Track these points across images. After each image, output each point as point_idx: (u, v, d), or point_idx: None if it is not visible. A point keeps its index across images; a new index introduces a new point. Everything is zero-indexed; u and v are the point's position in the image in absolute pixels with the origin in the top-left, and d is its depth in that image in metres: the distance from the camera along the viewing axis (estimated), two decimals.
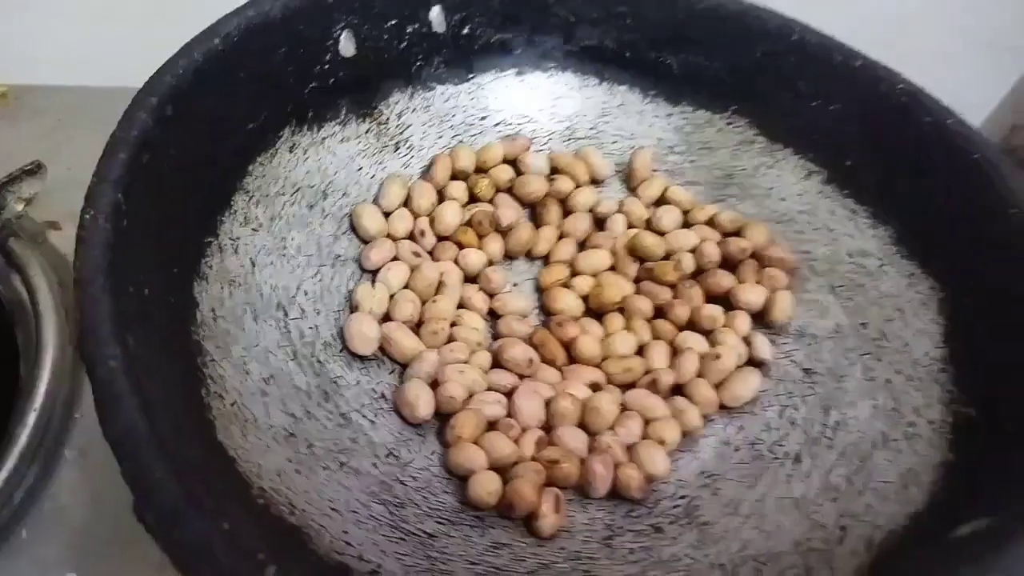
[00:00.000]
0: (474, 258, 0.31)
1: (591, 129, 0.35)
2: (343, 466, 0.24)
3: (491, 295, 0.30)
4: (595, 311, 0.30)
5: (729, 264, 0.31)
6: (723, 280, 0.31)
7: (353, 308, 0.29)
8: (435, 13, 0.32)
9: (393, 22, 0.31)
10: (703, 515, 0.26)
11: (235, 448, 0.21)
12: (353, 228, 0.30)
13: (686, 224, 0.32)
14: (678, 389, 0.28)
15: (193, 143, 0.25)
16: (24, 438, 0.28)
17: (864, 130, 0.31)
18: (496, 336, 0.29)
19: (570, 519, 0.25)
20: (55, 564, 0.26)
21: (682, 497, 0.26)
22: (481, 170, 0.33)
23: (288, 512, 0.21)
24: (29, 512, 0.27)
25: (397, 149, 0.32)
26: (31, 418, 0.28)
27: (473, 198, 0.33)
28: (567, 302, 0.30)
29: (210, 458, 0.20)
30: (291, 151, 0.29)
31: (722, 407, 0.28)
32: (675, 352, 0.29)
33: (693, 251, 0.31)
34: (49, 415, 0.28)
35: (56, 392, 0.29)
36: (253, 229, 0.27)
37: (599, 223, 0.33)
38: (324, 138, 0.30)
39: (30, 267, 0.32)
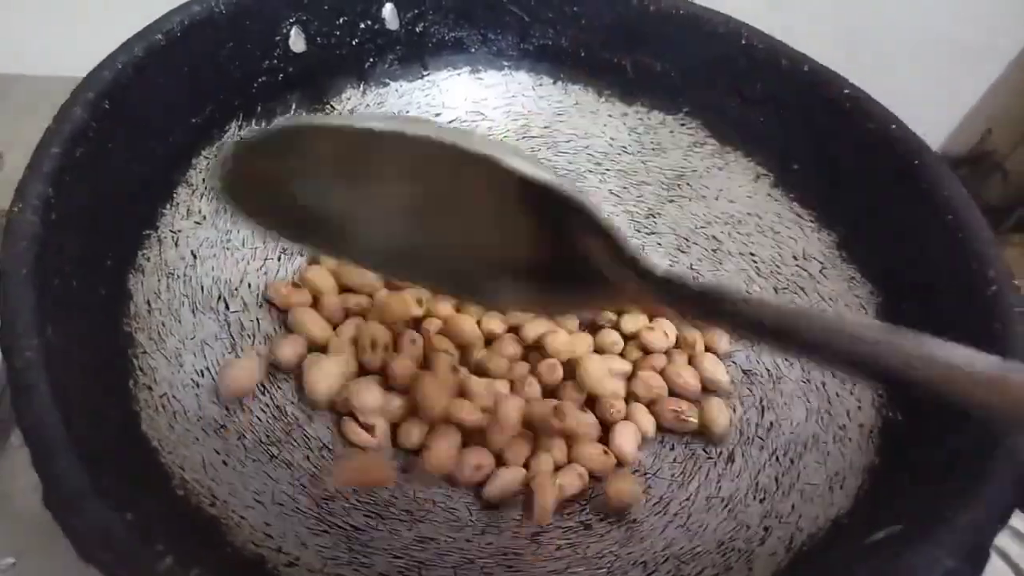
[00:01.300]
0: None
1: (545, 128, 0.35)
2: (273, 458, 0.25)
3: None
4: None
5: None
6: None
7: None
8: (388, 10, 0.32)
9: (345, 19, 0.31)
10: (632, 513, 0.26)
11: (159, 439, 0.22)
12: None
13: None
14: None
15: (132, 137, 0.25)
16: None
17: (810, 134, 0.31)
18: None
19: (500, 515, 0.26)
20: None
21: None
22: None
23: (208, 503, 0.21)
24: None
25: None
26: None
27: None
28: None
29: (128, 449, 0.21)
30: None
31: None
32: None
33: None
34: None
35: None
36: (196, 222, 0.28)
37: None
38: None
39: None
